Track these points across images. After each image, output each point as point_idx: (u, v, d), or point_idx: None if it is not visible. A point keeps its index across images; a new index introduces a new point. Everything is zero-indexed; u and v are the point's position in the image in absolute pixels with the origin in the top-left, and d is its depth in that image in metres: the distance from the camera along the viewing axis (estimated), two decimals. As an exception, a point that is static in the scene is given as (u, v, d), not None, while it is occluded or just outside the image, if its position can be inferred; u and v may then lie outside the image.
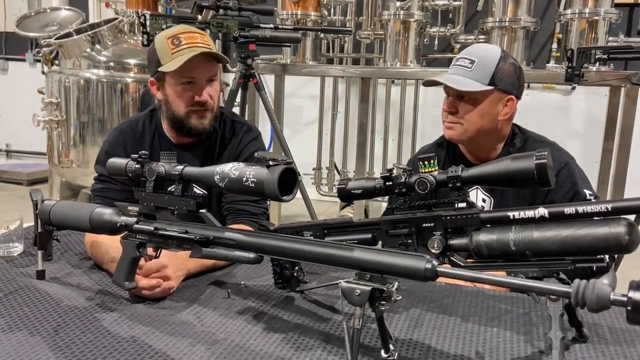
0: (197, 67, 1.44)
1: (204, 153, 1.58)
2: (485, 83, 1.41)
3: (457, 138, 1.49)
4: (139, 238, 1.12)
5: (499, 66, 1.42)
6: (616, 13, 2.86)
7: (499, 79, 1.42)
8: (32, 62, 5.69)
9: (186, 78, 1.45)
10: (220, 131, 1.60)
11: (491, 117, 1.45)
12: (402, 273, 0.81)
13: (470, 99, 1.43)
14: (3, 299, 1.15)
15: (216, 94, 1.52)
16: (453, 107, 1.46)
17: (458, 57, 1.47)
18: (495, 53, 1.44)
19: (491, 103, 1.44)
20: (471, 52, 1.46)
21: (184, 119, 1.49)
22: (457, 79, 1.43)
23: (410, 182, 1.00)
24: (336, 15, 4.06)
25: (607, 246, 0.83)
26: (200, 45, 1.44)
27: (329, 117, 4.52)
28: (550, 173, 0.89)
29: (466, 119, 1.45)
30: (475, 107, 1.43)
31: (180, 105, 1.48)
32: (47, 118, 3.23)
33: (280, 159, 0.92)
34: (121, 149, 1.54)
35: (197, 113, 1.49)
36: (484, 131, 1.46)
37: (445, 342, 1.02)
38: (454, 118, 1.46)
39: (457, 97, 1.45)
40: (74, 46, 3.21)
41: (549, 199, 1.42)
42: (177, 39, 1.44)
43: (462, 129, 1.46)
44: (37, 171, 5.29)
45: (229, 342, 1.00)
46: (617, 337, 1.05)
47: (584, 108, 4.17)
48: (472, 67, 1.42)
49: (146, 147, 1.54)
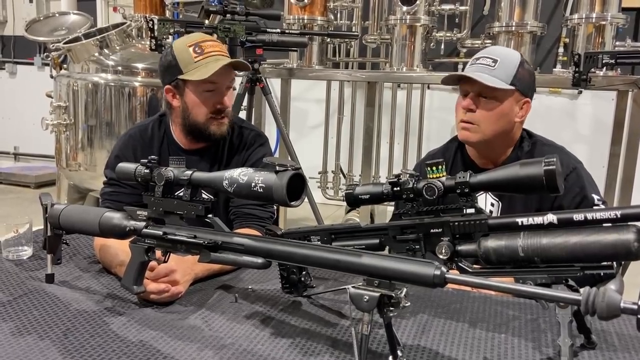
0: (220, 75, 1.47)
1: (212, 159, 1.59)
2: (507, 82, 1.40)
3: (473, 140, 1.46)
4: (148, 242, 1.13)
5: (520, 68, 1.41)
6: (623, 18, 2.85)
7: (519, 80, 1.41)
8: (40, 65, 5.73)
9: (210, 86, 1.49)
10: (229, 137, 1.61)
11: (508, 119, 1.44)
12: (410, 279, 0.81)
13: (491, 97, 1.41)
14: (12, 303, 1.16)
15: (231, 100, 1.57)
16: (472, 105, 1.43)
17: (478, 57, 1.44)
18: (516, 55, 1.45)
19: (510, 104, 1.43)
20: (492, 52, 1.45)
21: (203, 125, 1.52)
22: (482, 75, 1.39)
23: (418, 187, 1.00)
24: (342, 20, 4.07)
25: (616, 253, 0.83)
26: (223, 54, 1.50)
27: (335, 120, 4.53)
28: (559, 179, 0.89)
29: (484, 119, 1.42)
30: (495, 107, 1.41)
31: (202, 112, 1.51)
32: (56, 121, 3.25)
33: (289, 165, 0.92)
34: (131, 153, 1.56)
35: (217, 119, 1.52)
36: (500, 134, 1.44)
37: (453, 348, 1.02)
38: (472, 118, 1.43)
39: (478, 95, 1.42)
40: (82, 50, 3.23)
41: (556, 203, 1.41)
42: (199, 47, 1.47)
43: (479, 130, 1.43)
44: (44, 174, 5.33)
45: (237, 347, 1.01)
46: (625, 344, 1.05)
47: (590, 112, 4.15)
48: (495, 65, 1.40)
49: (155, 152, 1.56)
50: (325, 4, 3.39)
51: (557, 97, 4.12)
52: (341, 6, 3.94)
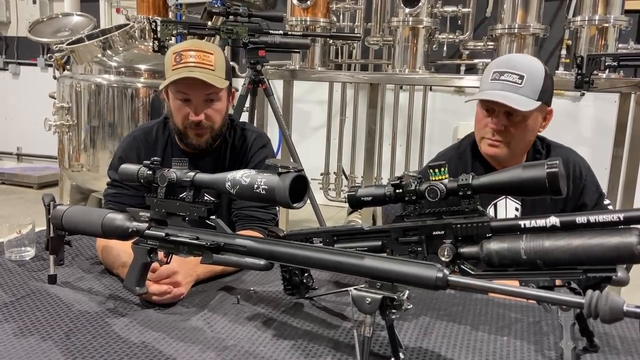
0: (192, 86, 1.45)
1: (214, 162, 1.60)
2: (534, 99, 1.37)
3: (504, 156, 1.44)
4: (150, 244, 1.13)
5: (545, 80, 1.39)
6: (626, 20, 2.84)
7: (544, 92, 1.39)
8: (43, 66, 5.75)
9: (182, 95, 1.47)
10: (231, 140, 1.61)
11: (535, 131, 1.45)
12: (413, 282, 0.81)
13: (520, 116, 1.38)
14: (15, 303, 1.16)
15: (216, 113, 1.51)
16: (502, 126, 1.40)
17: (500, 71, 1.39)
18: (541, 67, 1.40)
19: (536, 117, 1.42)
20: (516, 66, 1.39)
21: (183, 133, 1.52)
22: (510, 96, 1.36)
23: (421, 189, 1.00)
24: (345, 22, 4.07)
25: (619, 256, 0.83)
26: (198, 66, 1.43)
27: (337, 122, 4.53)
28: (562, 182, 0.89)
29: (514, 137, 1.41)
30: (524, 125, 1.40)
31: (178, 120, 1.51)
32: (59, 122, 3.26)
33: (292, 167, 0.92)
34: (134, 155, 1.56)
35: (194, 130, 1.50)
36: (526, 146, 1.47)
37: (455, 351, 1.02)
38: (503, 136, 1.41)
39: (505, 114, 1.39)
40: (85, 51, 3.24)
41: (580, 202, 1.48)
42: (179, 55, 1.45)
43: (509, 147, 1.42)
44: (47, 174, 5.34)
45: (239, 349, 1.01)
46: (628, 347, 1.04)
47: (593, 114, 4.15)
48: (522, 83, 1.36)
49: (159, 154, 1.57)
50: (328, 6, 3.39)
51: (560, 99, 4.11)
52: (344, 8, 3.94)
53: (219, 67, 1.48)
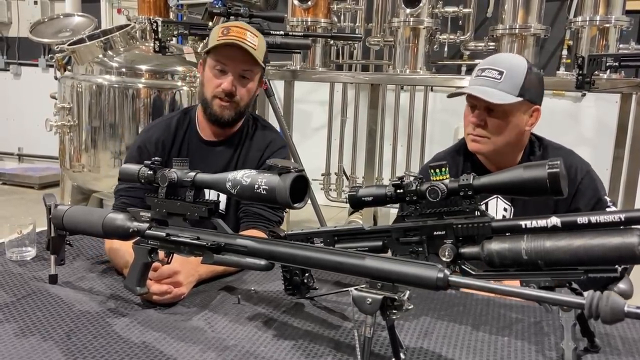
0: (231, 58, 1.52)
1: (233, 150, 1.64)
2: (515, 94, 1.38)
3: (485, 151, 1.46)
4: (151, 244, 1.13)
5: (527, 77, 1.39)
6: (627, 20, 2.84)
7: (527, 89, 1.39)
8: (44, 67, 5.76)
9: (219, 65, 1.53)
10: (251, 133, 1.66)
11: (519, 129, 1.43)
12: (413, 282, 0.80)
13: (500, 111, 1.40)
14: (16, 303, 1.17)
15: (247, 92, 1.58)
16: (482, 121, 1.42)
17: (483, 68, 1.42)
18: (523, 64, 1.41)
19: (519, 115, 1.41)
20: (498, 62, 1.42)
21: (209, 103, 1.57)
22: (488, 90, 1.38)
23: (422, 190, 1.00)
24: (346, 22, 4.07)
25: (620, 256, 0.83)
26: (241, 40, 1.50)
27: (338, 122, 4.53)
28: (563, 182, 0.89)
29: (495, 132, 1.42)
30: (504, 120, 1.40)
31: (209, 89, 1.56)
32: (60, 123, 3.25)
33: (292, 167, 0.92)
34: (153, 146, 1.60)
35: (221, 101, 1.55)
36: (511, 143, 1.45)
37: (455, 351, 1.02)
38: (482, 131, 1.43)
39: (486, 110, 1.41)
40: (86, 52, 3.24)
41: (573, 207, 1.42)
42: (227, 29, 1.52)
43: (489, 142, 1.43)
44: (48, 175, 5.34)
45: (240, 349, 1.01)
46: (629, 348, 1.04)
47: (594, 115, 4.14)
48: (502, 78, 1.38)
49: (178, 142, 1.62)
50: (329, 6, 3.39)
51: (561, 99, 4.11)
52: (344, 8, 3.94)
53: (260, 51, 1.56)
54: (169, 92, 3.17)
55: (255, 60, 1.53)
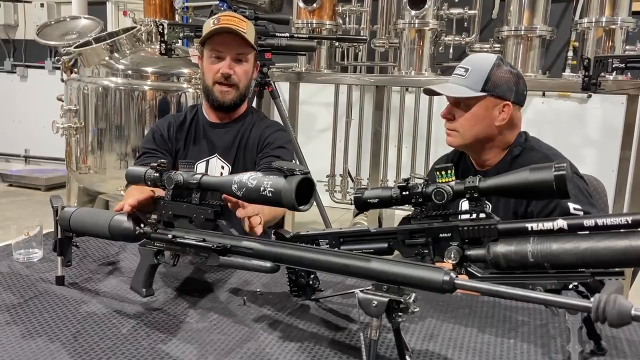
0: (224, 44, 1.67)
1: (236, 132, 1.79)
2: (477, 89, 1.45)
3: (456, 144, 1.54)
4: (157, 246, 1.14)
5: (492, 72, 1.45)
6: (633, 22, 2.83)
7: (493, 85, 1.45)
8: (51, 69, 5.79)
9: (215, 52, 1.68)
10: (254, 118, 1.83)
11: (486, 123, 1.48)
12: (420, 285, 0.80)
13: (465, 105, 1.49)
14: (23, 305, 1.17)
15: (244, 73, 1.72)
16: (450, 114, 1.52)
17: (457, 67, 1.53)
18: (489, 60, 1.48)
19: (485, 109, 1.47)
20: (467, 61, 1.52)
21: (211, 90, 1.72)
22: (450, 86, 1.49)
23: (427, 192, 1.00)
24: (351, 24, 4.08)
25: (627, 259, 0.82)
26: (232, 25, 1.63)
27: (343, 124, 4.53)
28: (569, 184, 0.89)
29: (461, 125, 1.50)
30: (468, 114, 1.48)
31: (209, 76, 1.71)
32: (66, 125, 3.28)
33: (298, 169, 0.93)
34: (165, 128, 1.80)
35: (222, 86, 1.70)
36: (481, 138, 1.50)
37: (461, 354, 1.02)
38: (451, 125, 1.52)
39: (454, 104, 1.51)
40: (92, 54, 3.26)
41: (529, 209, 1.43)
42: (217, 19, 1.66)
43: (458, 136, 1.51)
44: (55, 177, 5.37)
45: (245, 350, 1.01)
46: (635, 351, 1.04)
47: (600, 116, 4.13)
48: (466, 74, 1.47)
49: (186, 126, 1.81)
50: (334, 8, 3.40)
51: (567, 101, 4.10)
52: (350, 10, 3.95)
53: (250, 34, 1.69)
54: (175, 94, 3.19)
55: (247, 42, 1.66)
